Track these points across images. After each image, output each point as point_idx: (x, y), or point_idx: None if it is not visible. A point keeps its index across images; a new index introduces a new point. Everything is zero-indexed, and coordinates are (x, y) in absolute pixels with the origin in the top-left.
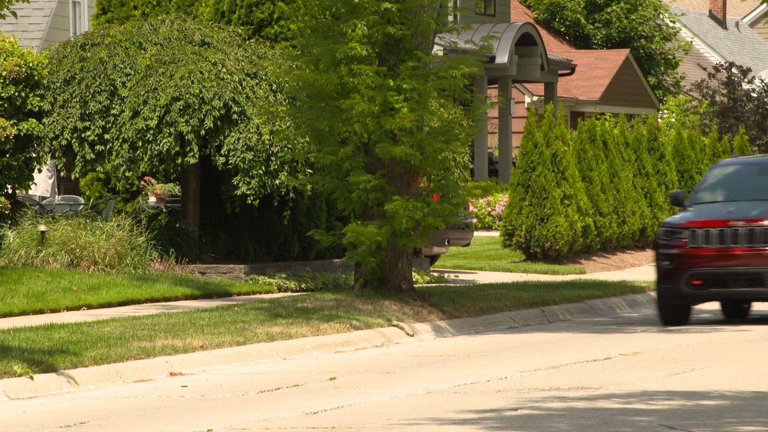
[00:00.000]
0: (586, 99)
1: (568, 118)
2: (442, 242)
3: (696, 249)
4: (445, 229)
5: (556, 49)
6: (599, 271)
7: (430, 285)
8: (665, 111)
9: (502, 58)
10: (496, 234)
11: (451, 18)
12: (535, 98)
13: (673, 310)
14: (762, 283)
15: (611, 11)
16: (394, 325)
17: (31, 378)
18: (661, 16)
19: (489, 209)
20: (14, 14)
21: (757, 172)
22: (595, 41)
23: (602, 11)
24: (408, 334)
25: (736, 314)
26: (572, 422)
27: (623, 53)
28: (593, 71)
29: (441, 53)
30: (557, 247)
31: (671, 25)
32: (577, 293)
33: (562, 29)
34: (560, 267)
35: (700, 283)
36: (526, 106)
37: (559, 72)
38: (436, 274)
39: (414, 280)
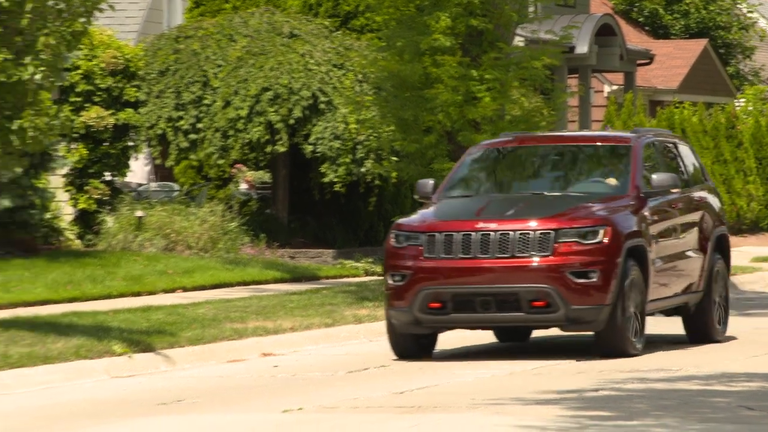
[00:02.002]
0: (665, 88)
1: (646, 107)
2: None
3: (434, 260)
4: None
5: (634, 39)
6: None
7: None
8: (743, 99)
9: (582, 48)
10: None
11: (531, 9)
12: (615, 87)
13: (407, 341)
14: (518, 306)
15: (689, 2)
16: None
17: (130, 357)
18: (738, 6)
19: None
20: (112, 7)
21: (521, 157)
22: (674, 32)
23: (680, 2)
24: None
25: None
26: (652, 403)
27: (701, 43)
28: (672, 61)
29: (522, 44)
30: None
31: (749, 15)
32: None
33: (640, 20)
34: None
35: (438, 307)
36: (605, 95)
37: (638, 62)
38: None
39: None
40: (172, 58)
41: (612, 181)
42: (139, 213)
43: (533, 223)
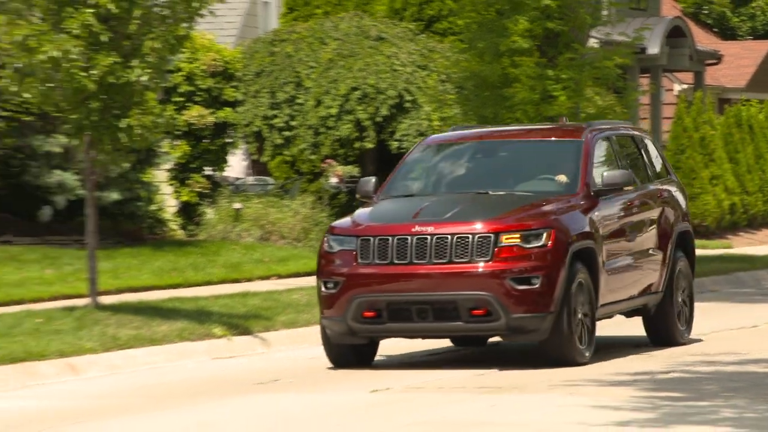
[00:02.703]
0: (733, 86)
1: (715, 105)
2: None
3: (368, 266)
4: None
5: (703, 40)
6: (745, 246)
7: None
8: None
9: (653, 49)
10: None
11: (605, 12)
12: (684, 86)
13: (344, 351)
14: (456, 315)
15: (756, 5)
16: None
17: (229, 340)
18: None
19: None
20: (212, 13)
21: (468, 153)
22: (740, 33)
23: (747, 5)
24: None
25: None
26: (722, 384)
27: None
28: (739, 60)
29: (596, 45)
30: (705, 224)
31: None
32: (725, 266)
33: (708, 22)
34: (708, 242)
35: (373, 316)
36: (675, 93)
37: (706, 62)
38: None
39: None
40: (267, 60)
41: (562, 178)
42: (237, 205)
43: (472, 226)
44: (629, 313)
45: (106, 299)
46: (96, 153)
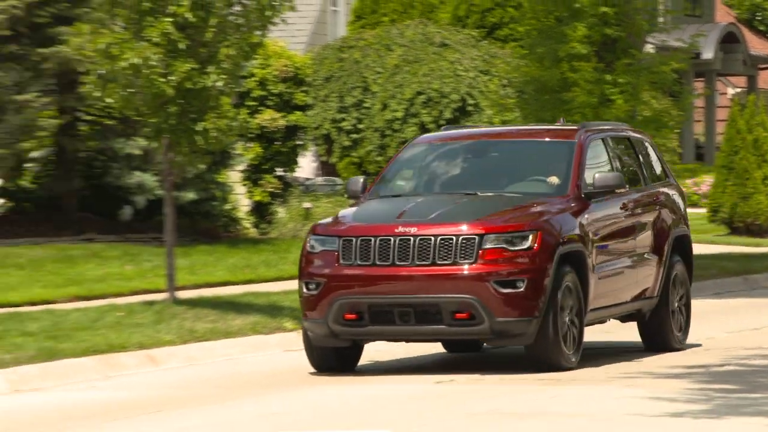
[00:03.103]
0: None
1: None
2: None
3: (349, 267)
4: None
5: (757, 45)
6: None
7: None
8: None
9: (707, 54)
10: (701, 210)
11: (661, 19)
12: (738, 90)
13: (326, 354)
14: (439, 319)
15: None
16: None
17: (300, 333)
18: None
19: (695, 188)
20: (284, 21)
21: (459, 153)
22: None
23: None
24: None
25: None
26: None
27: None
28: None
29: (652, 50)
30: (759, 222)
31: None
32: None
33: (761, 28)
34: (762, 240)
35: (354, 318)
36: (729, 97)
37: (759, 66)
38: None
39: None
40: (336, 66)
41: (554, 179)
42: (306, 204)
43: (456, 228)
44: (624, 318)
45: (183, 294)
46: (174, 155)
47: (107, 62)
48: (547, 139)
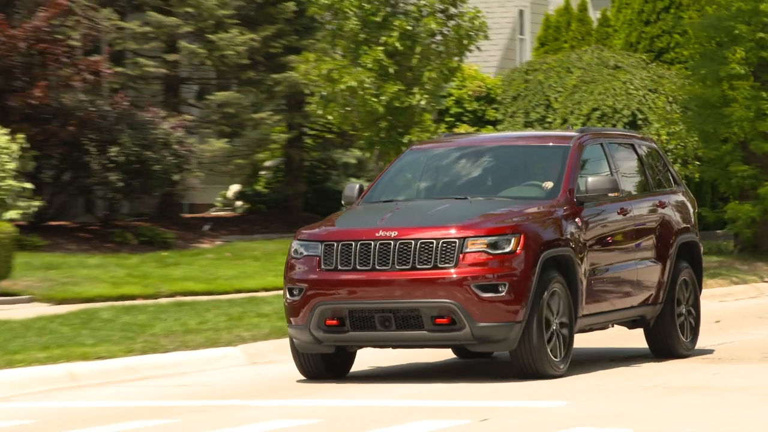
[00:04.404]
0: None
1: None
2: None
3: (330, 272)
4: None
5: None
6: None
7: None
8: None
9: None
10: None
11: None
12: None
13: (313, 361)
14: (420, 324)
15: None
16: (766, 281)
17: None
18: None
19: None
20: (478, 48)
21: (455, 158)
22: None
23: None
24: None
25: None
26: None
27: None
28: None
29: None
30: None
31: None
32: None
33: None
34: None
35: (336, 324)
36: None
37: None
38: None
39: None
40: (522, 86)
41: (549, 184)
42: None
43: (437, 231)
44: (630, 325)
45: None
46: (384, 163)
47: (328, 85)
48: (542, 144)
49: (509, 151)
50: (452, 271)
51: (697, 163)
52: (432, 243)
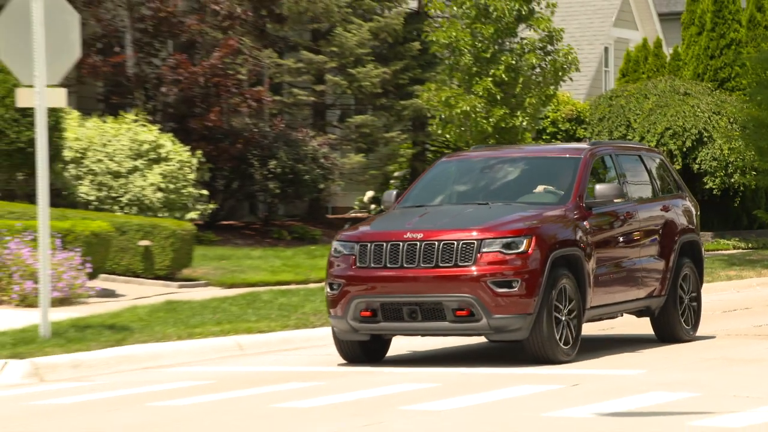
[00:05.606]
0: None
1: None
2: None
3: (365, 270)
4: None
5: None
6: None
7: None
8: None
9: None
10: None
11: None
12: None
13: (352, 347)
14: (442, 316)
15: None
16: None
17: None
18: None
19: None
20: (571, 79)
21: (480, 168)
22: None
23: None
24: None
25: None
26: None
27: None
28: None
29: None
30: None
31: None
32: None
33: None
34: None
35: (369, 315)
36: None
37: None
38: None
39: None
40: (606, 110)
41: (541, 188)
42: None
43: (458, 234)
44: (637, 314)
45: None
46: None
47: (447, 109)
48: (557, 156)
49: (529, 161)
50: (471, 268)
51: (754, 173)
52: (453, 244)
